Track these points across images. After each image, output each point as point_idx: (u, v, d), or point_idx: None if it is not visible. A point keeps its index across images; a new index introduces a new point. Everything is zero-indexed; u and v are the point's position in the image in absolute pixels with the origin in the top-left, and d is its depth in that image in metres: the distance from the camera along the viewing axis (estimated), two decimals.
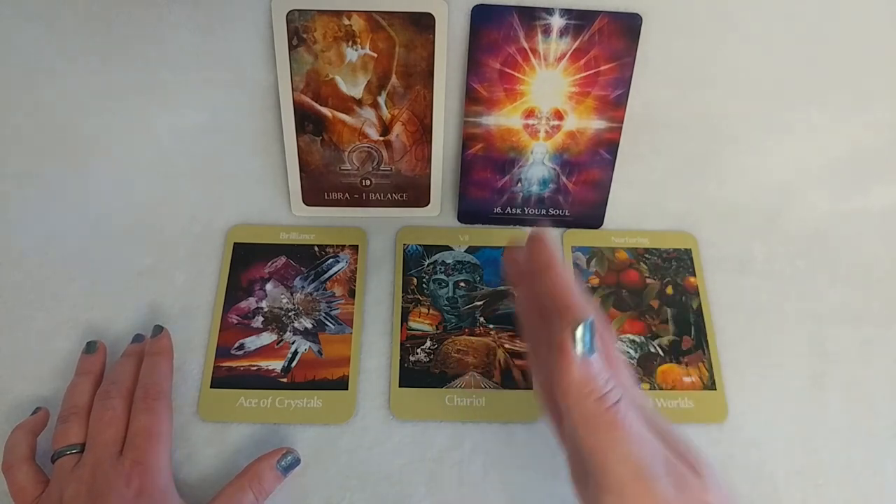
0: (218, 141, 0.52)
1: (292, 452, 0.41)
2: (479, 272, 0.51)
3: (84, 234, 0.51)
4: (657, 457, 0.29)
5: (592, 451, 0.29)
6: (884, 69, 0.50)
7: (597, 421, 0.29)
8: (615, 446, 0.29)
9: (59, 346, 0.47)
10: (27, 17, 0.45)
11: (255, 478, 0.39)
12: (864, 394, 0.47)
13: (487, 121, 0.49)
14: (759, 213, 0.54)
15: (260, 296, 0.49)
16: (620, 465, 0.29)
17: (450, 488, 0.42)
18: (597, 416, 0.29)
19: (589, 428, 0.29)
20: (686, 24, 0.47)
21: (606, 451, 0.29)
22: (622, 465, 0.28)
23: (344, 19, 0.46)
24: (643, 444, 0.29)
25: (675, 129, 0.52)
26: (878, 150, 0.53)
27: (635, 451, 0.29)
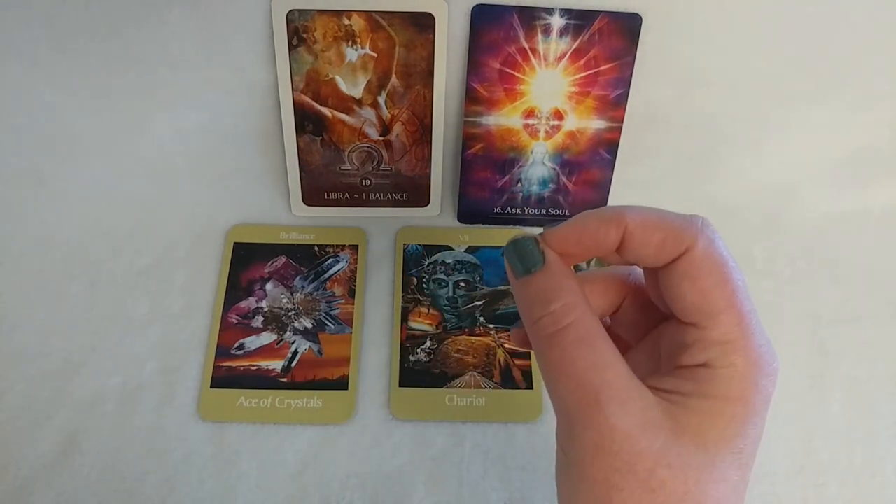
0: (218, 141, 0.52)
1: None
2: (479, 272, 0.51)
3: (84, 234, 0.51)
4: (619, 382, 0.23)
5: (545, 382, 0.24)
6: (884, 69, 0.50)
7: (538, 348, 0.24)
8: (556, 380, 0.23)
9: (59, 345, 0.47)
10: (27, 17, 0.45)
11: None
12: (864, 394, 0.47)
13: (487, 121, 0.49)
14: (759, 213, 0.54)
15: (260, 296, 0.49)
16: (568, 397, 0.23)
17: (450, 488, 0.42)
18: (538, 342, 0.24)
19: (538, 358, 0.24)
20: (686, 24, 0.47)
21: (550, 382, 0.24)
22: (570, 397, 0.23)
23: (344, 19, 0.46)
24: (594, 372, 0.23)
25: (675, 128, 0.52)
26: (878, 150, 0.53)
27: (581, 382, 0.23)
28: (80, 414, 0.44)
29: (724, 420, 0.22)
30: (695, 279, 0.23)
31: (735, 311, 0.23)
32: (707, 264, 0.23)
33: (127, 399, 0.45)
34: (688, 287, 0.23)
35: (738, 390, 0.23)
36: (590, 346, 0.23)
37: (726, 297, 0.23)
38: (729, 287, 0.23)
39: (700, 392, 0.23)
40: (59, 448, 0.43)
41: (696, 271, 0.23)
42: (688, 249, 0.23)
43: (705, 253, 0.23)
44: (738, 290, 0.23)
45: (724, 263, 0.23)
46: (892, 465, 0.44)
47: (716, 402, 0.23)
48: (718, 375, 0.23)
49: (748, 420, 0.23)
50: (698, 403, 0.23)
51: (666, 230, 0.23)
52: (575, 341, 0.23)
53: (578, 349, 0.23)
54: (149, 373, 0.46)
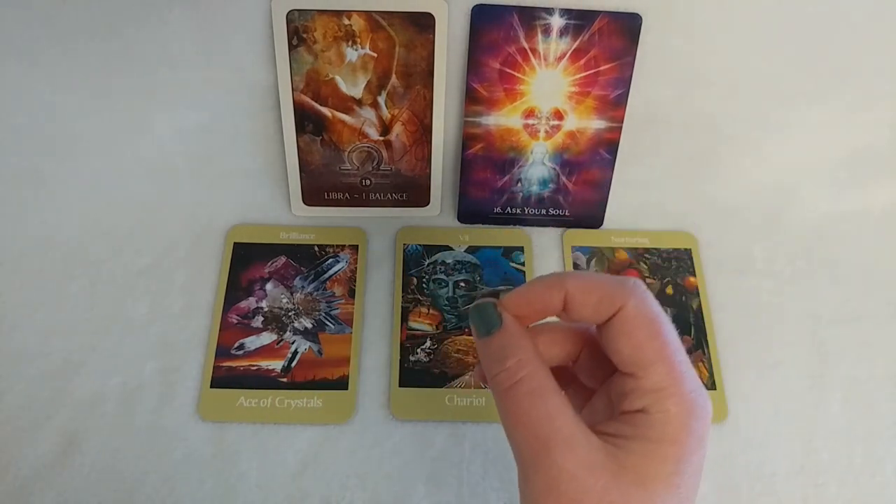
0: (218, 141, 0.52)
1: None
2: (479, 272, 0.51)
3: (84, 234, 0.51)
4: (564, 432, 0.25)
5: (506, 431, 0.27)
6: (884, 69, 0.50)
7: (496, 400, 0.27)
8: (513, 428, 0.26)
9: (59, 345, 0.47)
10: (27, 17, 0.45)
11: None
12: (864, 394, 0.47)
13: (487, 121, 0.49)
14: (759, 213, 0.54)
15: (260, 296, 0.49)
16: (523, 443, 0.26)
17: (449, 488, 0.42)
18: (496, 395, 0.27)
19: (497, 409, 0.27)
20: (686, 24, 0.47)
21: (507, 430, 0.27)
22: (524, 444, 0.26)
23: (344, 19, 0.46)
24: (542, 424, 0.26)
25: (675, 128, 0.52)
26: (878, 150, 0.53)
27: (533, 430, 0.26)
28: (80, 414, 0.44)
29: (661, 460, 0.25)
30: (628, 335, 0.26)
31: (666, 362, 0.26)
32: (638, 321, 0.26)
33: (127, 399, 0.45)
34: (623, 342, 0.26)
35: (671, 433, 0.25)
36: (540, 398, 0.26)
37: (657, 349, 0.26)
38: (659, 340, 0.26)
39: (638, 435, 0.25)
40: (59, 448, 0.43)
41: (629, 328, 0.26)
42: (621, 308, 0.26)
43: (636, 311, 0.26)
44: (668, 343, 0.26)
45: (654, 319, 0.26)
46: (892, 465, 0.44)
47: (652, 444, 0.25)
48: (654, 420, 0.25)
49: (683, 459, 0.25)
50: (637, 446, 0.25)
51: (601, 292, 0.26)
52: (527, 394, 0.26)
53: (530, 401, 0.26)
54: (149, 373, 0.46)
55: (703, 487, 0.43)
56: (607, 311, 0.26)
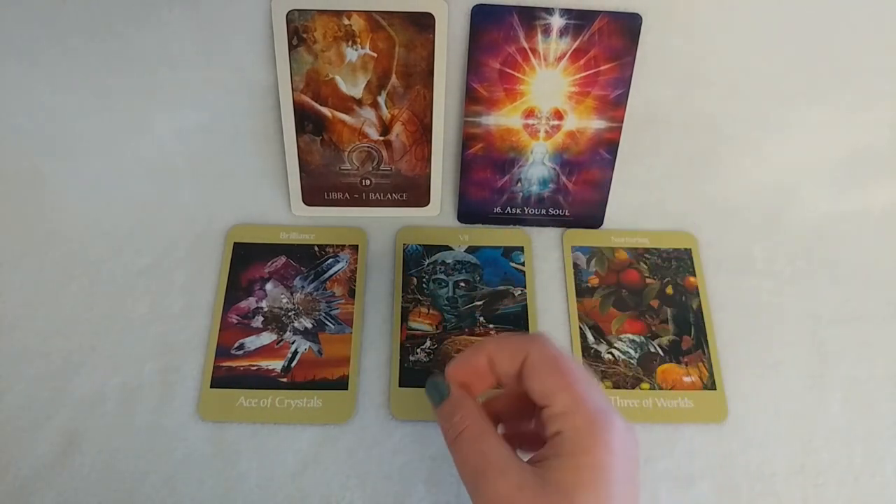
0: (218, 141, 0.52)
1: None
2: (479, 272, 0.51)
3: (84, 234, 0.51)
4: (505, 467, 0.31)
5: None
6: (884, 69, 0.50)
7: (450, 450, 0.33)
8: (461, 468, 0.32)
9: (59, 345, 0.47)
10: (27, 17, 0.45)
11: None
12: (864, 394, 0.47)
13: (487, 121, 0.49)
14: (759, 213, 0.54)
15: (260, 296, 0.49)
16: (468, 478, 0.32)
17: (449, 488, 0.42)
18: (449, 446, 0.33)
19: (452, 458, 0.33)
20: (686, 24, 0.47)
21: (459, 471, 0.32)
22: (469, 478, 0.32)
23: (344, 19, 0.46)
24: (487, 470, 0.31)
25: (675, 128, 0.52)
26: (878, 150, 0.53)
27: (474, 465, 0.31)
28: (80, 414, 0.44)
29: (576, 470, 0.29)
30: (535, 374, 0.32)
31: (568, 388, 0.31)
32: (540, 362, 0.32)
33: (127, 399, 0.45)
34: (532, 380, 0.32)
35: (582, 446, 0.30)
36: (478, 441, 0.32)
37: (557, 381, 0.31)
38: (558, 373, 0.31)
39: (557, 453, 0.30)
40: (59, 448, 0.43)
41: (535, 368, 0.32)
42: (527, 355, 0.32)
43: (539, 354, 0.32)
44: (567, 374, 0.31)
45: (554, 358, 0.32)
46: (892, 465, 0.44)
47: (568, 458, 0.30)
48: (566, 437, 0.30)
49: (598, 466, 0.29)
50: (557, 462, 0.30)
51: (511, 347, 0.33)
52: (468, 439, 0.32)
53: (470, 444, 0.32)
54: (149, 373, 0.46)
55: (702, 487, 0.43)
56: (518, 359, 0.32)
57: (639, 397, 0.46)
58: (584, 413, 0.30)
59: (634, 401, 0.46)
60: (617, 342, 0.48)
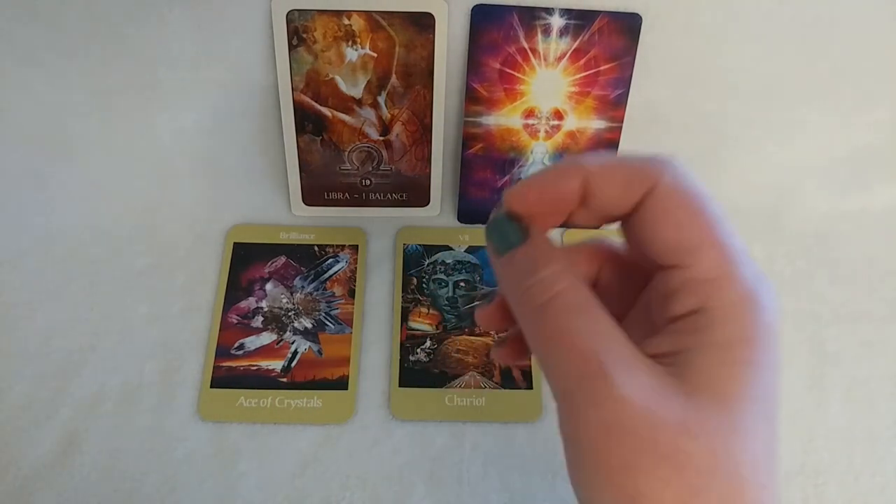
0: (218, 141, 0.52)
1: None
2: (479, 272, 0.51)
3: (84, 234, 0.51)
4: (613, 353, 0.20)
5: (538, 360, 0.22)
6: (884, 69, 0.50)
7: (528, 322, 0.22)
8: (553, 351, 0.21)
9: (59, 345, 0.47)
10: (27, 17, 0.45)
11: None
12: (864, 394, 0.47)
13: (487, 121, 0.49)
14: (759, 213, 0.54)
15: (260, 296, 0.49)
16: (568, 369, 0.21)
17: (450, 488, 0.42)
18: (528, 315, 0.22)
19: (528, 334, 0.22)
20: (686, 24, 0.47)
21: (545, 355, 0.21)
22: (570, 369, 0.20)
23: (344, 19, 0.46)
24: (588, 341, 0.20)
25: (675, 129, 0.52)
26: (879, 150, 0.53)
27: (582, 351, 0.20)
28: (80, 414, 0.44)
29: (735, 367, 0.20)
30: (667, 216, 0.21)
31: (716, 243, 0.21)
32: (676, 197, 0.21)
33: (127, 399, 0.45)
34: (661, 225, 0.21)
35: (740, 330, 0.21)
36: (587, 313, 0.21)
37: (703, 229, 0.21)
38: (704, 218, 0.21)
39: (700, 343, 0.20)
40: (59, 448, 0.43)
41: (667, 206, 0.21)
42: (654, 186, 0.21)
43: (673, 186, 0.22)
44: (716, 221, 0.22)
45: (696, 195, 0.22)
46: (892, 465, 0.44)
47: (720, 351, 0.20)
48: (714, 318, 0.20)
49: (759, 361, 0.21)
50: (702, 358, 0.20)
51: (628, 169, 0.22)
52: (570, 308, 0.21)
53: (575, 317, 0.21)
54: (149, 373, 0.46)
55: None
56: (638, 191, 0.21)
57: None
58: (742, 282, 0.21)
59: None
60: None
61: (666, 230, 0.21)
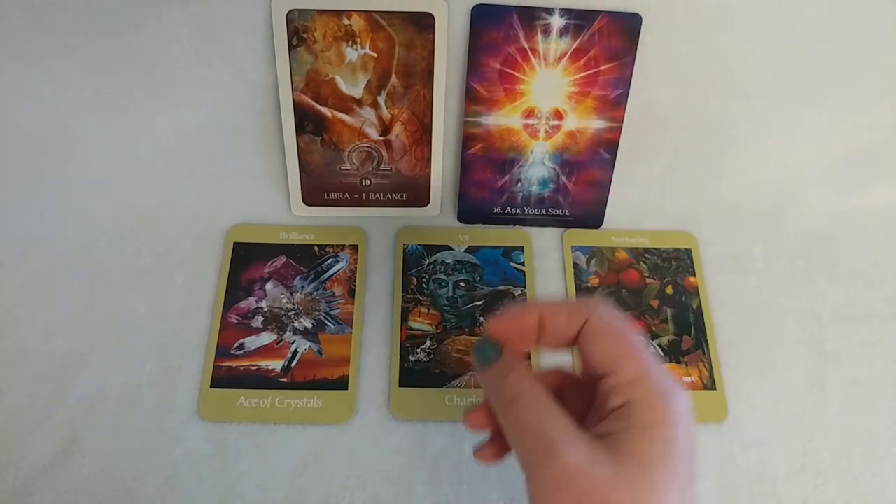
0: (218, 141, 0.52)
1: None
2: (479, 272, 0.51)
3: (84, 234, 0.51)
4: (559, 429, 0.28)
5: None
6: (884, 69, 0.50)
7: (502, 414, 0.29)
8: (519, 434, 0.29)
9: (59, 345, 0.47)
10: (27, 17, 0.45)
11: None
12: (864, 394, 0.47)
13: (487, 121, 0.49)
14: (759, 213, 0.54)
15: (260, 295, 0.49)
16: (528, 446, 0.28)
17: (450, 488, 0.42)
18: (501, 408, 0.30)
19: (503, 423, 0.30)
20: (686, 24, 0.47)
21: (513, 438, 0.29)
22: (530, 446, 0.28)
23: (344, 19, 0.46)
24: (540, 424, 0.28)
25: (675, 128, 0.52)
26: (878, 150, 0.53)
27: (537, 432, 0.28)
28: (80, 414, 0.44)
29: (653, 444, 0.27)
30: (597, 339, 0.29)
31: (634, 357, 0.28)
32: (603, 326, 0.29)
33: (127, 399, 0.45)
34: (594, 347, 0.29)
35: (655, 417, 0.27)
36: (542, 405, 0.28)
37: (624, 347, 0.29)
38: (625, 340, 0.29)
39: (627, 426, 0.27)
40: (59, 448, 0.43)
41: (597, 333, 0.29)
42: (588, 319, 0.29)
43: (600, 319, 0.29)
44: (634, 342, 0.29)
45: (617, 324, 0.29)
46: (892, 465, 0.44)
47: (640, 431, 0.27)
48: (636, 408, 0.27)
49: (670, 440, 0.27)
50: (628, 435, 0.27)
51: (569, 308, 0.30)
52: (528, 403, 0.29)
53: (533, 408, 0.28)
54: (149, 373, 0.46)
55: (702, 487, 0.43)
56: (577, 323, 0.30)
57: None
58: (654, 383, 0.28)
59: None
60: None
61: (598, 350, 0.29)
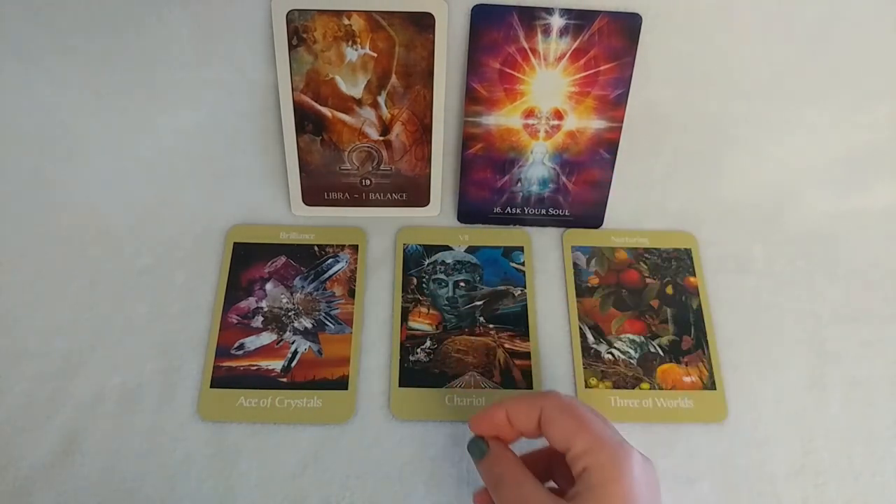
0: (218, 141, 0.52)
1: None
2: (478, 272, 0.51)
3: (84, 234, 0.51)
4: None
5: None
6: (884, 69, 0.50)
7: (494, 497, 0.36)
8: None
9: (59, 345, 0.47)
10: (27, 17, 0.45)
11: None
12: (864, 394, 0.47)
13: (487, 121, 0.49)
14: (759, 213, 0.54)
15: (260, 295, 0.49)
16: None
17: (449, 488, 0.42)
18: (492, 495, 0.36)
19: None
20: (686, 24, 0.47)
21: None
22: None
23: (344, 19, 0.46)
24: None
25: (675, 128, 0.52)
26: (878, 150, 0.53)
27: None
28: (80, 414, 0.44)
29: (608, 498, 0.32)
30: (552, 424, 0.35)
31: (585, 430, 0.34)
32: (555, 412, 0.35)
33: (127, 399, 0.45)
34: (551, 430, 0.35)
35: (609, 476, 0.33)
36: (516, 484, 0.35)
37: (574, 426, 0.34)
38: (574, 419, 0.35)
39: (587, 487, 0.33)
40: (59, 448, 0.43)
41: (551, 419, 0.35)
42: (542, 409, 0.36)
43: (552, 406, 0.35)
44: (583, 418, 0.34)
45: (567, 407, 0.35)
46: (892, 465, 0.44)
47: (598, 490, 0.33)
48: (592, 472, 0.33)
49: (627, 495, 0.32)
50: (588, 494, 0.33)
51: (526, 403, 0.36)
52: (508, 484, 0.35)
53: (510, 489, 0.35)
54: (149, 373, 0.46)
55: (703, 487, 0.43)
56: (534, 414, 0.36)
57: (639, 397, 0.46)
58: (605, 448, 0.33)
59: (634, 401, 0.46)
60: (617, 342, 0.48)
61: (555, 432, 0.35)
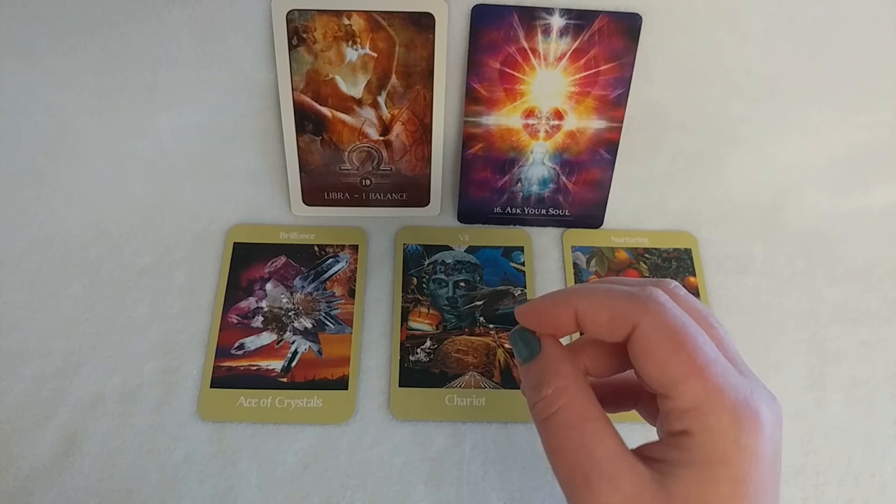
0: (218, 141, 0.52)
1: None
2: (479, 272, 0.51)
3: (84, 234, 0.51)
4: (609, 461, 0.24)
5: None
6: (884, 69, 0.50)
7: (538, 431, 0.26)
8: (553, 461, 0.25)
9: (59, 345, 0.47)
10: (27, 17, 0.45)
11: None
12: (864, 394, 0.47)
13: (487, 121, 0.49)
14: (759, 213, 0.54)
15: (260, 295, 0.49)
16: (563, 477, 0.25)
17: (449, 488, 0.42)
18: (537, 426, 0.26)
19: (541, 439, 0.26)
20: (686, 24, 0.47)
21: (549, 461, 0.25)
22: (564, 478, 0.25)
23: (344, 19, 0.46)
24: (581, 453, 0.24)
25: (675, 128, 0.52)
26: (879, 150, 0.53)
27: (571, 463, 0.24)
28: (80, 414, 0.44)
29: (713, 483, 0.23)
30: (649, 355, 0.24)
31: (696, 376, 0.23)
32: (656, 337, 0.23)
33: (127, 399, 0.45)
34: (645, 363, 0.24)
35: (720, 453, 0.23)
36: (578, 429, 0.24)
37: (683, 364, 0.23)
38: (684, 354, 0.23)
39: (685, 460, 0.23)
40: (59, 448, 0.43)
41: (648, 347, 0.24)
42: (635, 327, 0.24)
43: (653, 327, 0.24)
44: (697, 355, 0.23)
45: (676, 332, 0.24)
46: (892, 465, 0.44)
47: (700, 468, 0.23)
48: (697, 441, 0.23)
49: (739, 479, 0.23)
50: (685, 472, 0.23)
51: (611, 311, 0.24)
52: (563, 425, 0.24)
53: (568, 432, 0.24)
54: (149, 373, 0.46)
55: None
56: (621, 330, 0.24)
57: None
58: (723, 409, 0.23)
59: None
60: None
61: (649, 368, 0.24)
